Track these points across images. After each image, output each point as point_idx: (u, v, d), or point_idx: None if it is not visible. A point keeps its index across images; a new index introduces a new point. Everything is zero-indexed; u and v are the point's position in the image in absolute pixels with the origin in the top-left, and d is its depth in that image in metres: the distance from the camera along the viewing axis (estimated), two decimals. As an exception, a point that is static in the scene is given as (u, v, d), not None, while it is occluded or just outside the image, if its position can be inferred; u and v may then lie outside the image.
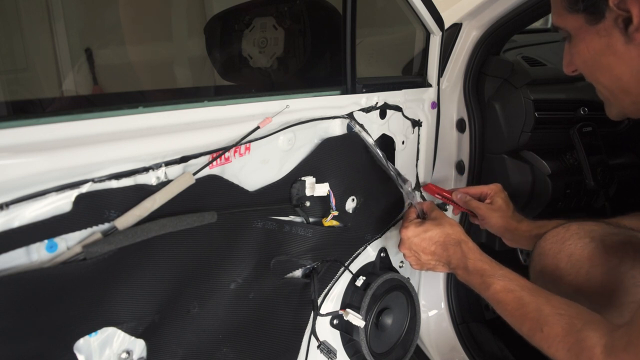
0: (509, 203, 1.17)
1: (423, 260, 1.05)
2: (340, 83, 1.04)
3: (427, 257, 1.03)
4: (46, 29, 1.53)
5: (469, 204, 1.19)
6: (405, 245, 1.05)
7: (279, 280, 1.01)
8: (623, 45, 0.72)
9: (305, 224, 1.01)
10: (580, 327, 0.72)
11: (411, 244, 1.03)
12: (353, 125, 1.02)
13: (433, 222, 1.04)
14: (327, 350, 1.08)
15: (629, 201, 1.45)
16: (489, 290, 0.89)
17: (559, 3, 0.79)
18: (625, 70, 0.74)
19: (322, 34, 1.20)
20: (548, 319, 0.77)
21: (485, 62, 1.35)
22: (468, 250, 0.98)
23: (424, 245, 1.02)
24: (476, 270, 0.94)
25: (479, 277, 0.92)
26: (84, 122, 0.68)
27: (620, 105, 0.81)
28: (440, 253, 1.02)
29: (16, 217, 0.60)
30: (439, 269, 1.05)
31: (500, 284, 0.87)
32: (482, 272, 0.92)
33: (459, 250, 0.98)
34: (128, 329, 0.77)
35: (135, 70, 1.70)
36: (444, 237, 1.01)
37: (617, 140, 1.46)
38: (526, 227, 1.11)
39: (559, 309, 0.77)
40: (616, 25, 0.71)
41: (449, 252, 1.00)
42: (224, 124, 0.82)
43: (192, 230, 0.76)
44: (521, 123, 1.32)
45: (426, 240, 1.02)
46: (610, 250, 0.84)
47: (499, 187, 1.19)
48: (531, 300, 0.82)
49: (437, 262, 1.04)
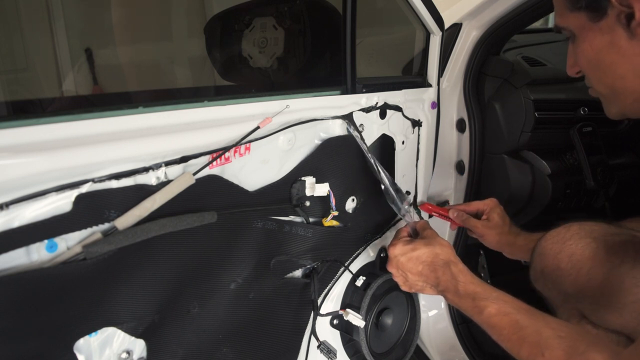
0: (505, 218, 1.16)
1: (411, 281, 0.99)
2: (340, 83, 1.04)
3: (414, 277, 0.98)
4: (46, 29, 1.53)
5: (466, 222, 1.18)
6: (392, 264, 1.00)
7: (279, 280, 1.01)
8: (626, 42, 0.72)
9: (305, 224, 1.00)
10: (583, 350, 0.70)
11: (398, 262, 0.98)
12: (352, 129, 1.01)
13: (422, 241, 0.99)
14: (327, 350, 1.08)
15: (629, 201, 1.45)
16: (483, 314, 0.84)
17: (561, 2, 0.79)
18: (628, 69, 0.74)
19: (322, 34, 1.20)
20: (549, 342, 0.74)
21: (485, 62, 1.35)
22: (458, 272, 0.93)
23: (410, 265, 0.97)
24: (467, 293, 0.89)
25: (471, 301, 0.88)
26: (84, 122, 0.68)
27: (621, 105, 0.81)
28: (427, 274, 0.96)
29: (16, 217, 0.60)
30: (427, 291, 0.99)
31: (495, 307, 0.83)
32: (474, 295, 0.88)
33: (447, 272, 0.93)
34: (128, 329, 0.77)
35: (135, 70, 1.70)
36: (432, 257, 0.96)
37: (617, 140, 1.46)
38: (523, 240, 1.11)
39: (559, 331, 0.74)
40: (618, 21, 0.71)
41: (437, 274, 0.95)
42: (224, 124, 0.82)
43: (192, 230, 0.76)
44: (521, 123, 1.32)
45: (413, 260, 0.97)
46: (611, 250, 0.83)
47: (495, 203, 1.18)
48: (529, 324, 0.78)
49: (425, 284, 0.98)
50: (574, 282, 0.87)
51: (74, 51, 1.55)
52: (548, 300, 0.95)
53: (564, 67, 0.90)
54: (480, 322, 0.86)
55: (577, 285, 0.86)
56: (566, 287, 0.88)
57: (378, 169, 1.02)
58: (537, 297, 0.95)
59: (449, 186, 1.45)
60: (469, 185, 1.41)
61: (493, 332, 0.83)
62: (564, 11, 0.79)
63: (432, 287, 0.98)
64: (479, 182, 1.41)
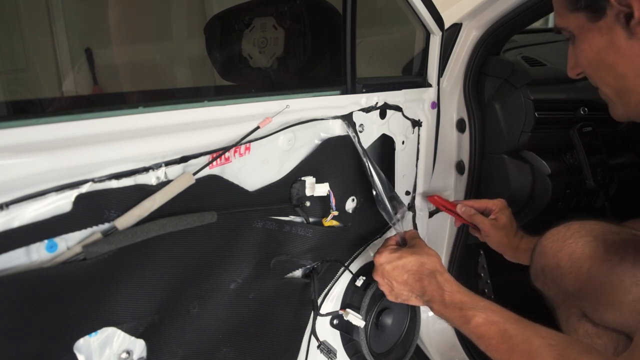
0: (512, 221, 1.16)
1: (396, 291, 0.97)
2: (340, 83, 1.04)
3: (399, 286, 0.96)
4: (46, 29, 1.53)
5: (473, 218, 1.18)
6: (377, 273, 0.98)
7: (279, 280, 1.01)
8: (626, 41, 0.72)
9: (305, 224, 1.00)
10: (575, 358, 0.69)
11: (383, 271, 0.96)
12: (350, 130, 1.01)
13: (409, 250, 0.97)
14: (327, 350, 1.08)
15: (629, 201, 1.45)
16: (470, 324, 0.82)
17: (560, 3, 0.80)
18: (628, 68, 0.74)
19: (322, 34, 1.20)
20: (539, 350, 0.72)
21: (485, 62, 1.35)
22: (444, 281, 0.90)
23: (395, 274, 0.95)
24: (454, 303, 0.87)
25: (458, 311, 0.85)
26: (84, 122, 0.68)
27: (625, 106, 0.81)
28: (412, 283, 0.94)
29: (16, 217, 0.60)
30: (413, 301, 0.97)
31: (482, 317, 0.81)
32: (461, 305, 0.86)
33: (433, 281, 0.91)
34: (128, 329, 0.77)
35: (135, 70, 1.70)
36: (417, 265, 0.94)
37: (617, 140, 1.46)
38: (526, 244, 1.11)
39: (549, 339, 0.73)
40: (618, 21, 0.71)
41: (423, 283, 0.93)
42: (224, 124, 0.82)
43: (192, 230, 0.76)
44: (521, 123, 1.32)
45: (398, 269, 0.95)
46: (611, 249, 0.83)
47: (504, 204, 1.18)
48: (518, 333, 0.76)
49: (410, 294, 0.96)
50: (574, 280, 0.86)
51: (74, 51, 1.56)
52: (548, 299, 0.95)
53: (564, 67, 0.90)
54: (467, 332, 0.84)
55: (578, 283, 0.86)
56: (566, 286, 0.88)
57: (371, 173, 1.00)
58: (537, 296, 0.95)
59: (449, 186, 1.45)
60: (469, 185, 1.41)
61: (481, 343, 0.81)
62: (564, 12, 0.79)
63: (417, 297, 0.95)
64: (479, 182, 1.41)
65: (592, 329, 0.86)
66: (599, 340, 0.85)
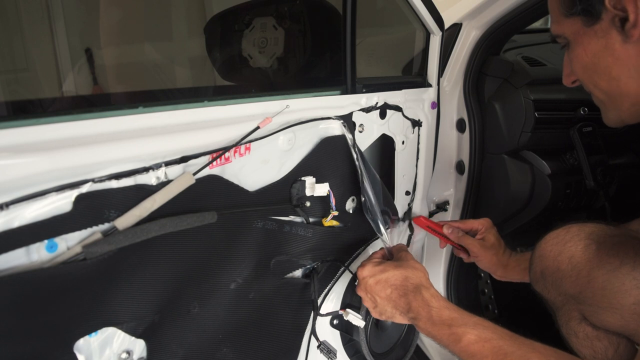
0: (500, 239, 1.16)
1: (380, 307, 0.91)
2: (340, 83, 1.04)
3: (383, 302, 0.90)
4: (46, 29, 1.53)
5: (461, 240, 1.16)
6: (360, 287, 0.93)
7: (279, 280, 1.01)
8: (621, 45, 0.72)
9: (305, 224, 1.00)
10: None
11: (366, 285, 0.91)
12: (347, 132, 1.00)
13: (393, 263, 0.92)
14: (327, 350, 1.08)
15: (629, 201, 1.45)
16: (461, 342, 0.77)
17: (556, 9, 0.80)
18: (623, 71, 0.75)
19: (322, 34, 1.20)
20: None
21: (485, 62, 1.35)
22: (430, 297, 0.85)
23: (378, 289, 0.89)
24: (442, 320, 0.81)
25: (447, 328, 0.80)
26: (84, 122, 0.68)
27: (618, 109, 0.81)
28: (396, 299, 0.88)
29: (16, 217, 0.60)
30: (398, 318, 0.90)
31: (474, 334, 0.77)
32: (451, 322, 0.80)
33: (419, 297, 0.85)
34: (128, 329, 0.77)
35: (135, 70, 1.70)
36: (401, 280, 0.88)
37: (617, 140, 1.46)
38: (515, 262, 1.11)
39: (547, 355, 0.71)
40: (613, 24, 0.72)
41: (408, 299, 0.87)
42: (224, 124, 0.82)
43: (192, 230, 0.76)
44: (521, 123, 1.32)
45: (381, 283, 0.89)
46: (611, 251, 0.83)
47: (490, 223, 1.17)
48: (514, 349, 0.73)
49: (394, 310, 0.90)
50: (574, 283, 0.86)
51: (74, 51, 1.55)
52: (548, 303, 0.95)
53: (563, 67, 0.90)
54: (457, 351, 0.79)
55: (578, 286, 0.86)
56: (566, 289, 0.88)
57: (362, 180, 0.99)
58: (537, 300, 0.95)
59: (449, 186, 1.45)
60: (469, 185, 1.41)
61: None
62: (560, 18, 0.80)
63: (402, 314, 0.90)
64: (479, 182, 1.41)
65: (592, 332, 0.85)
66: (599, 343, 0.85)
